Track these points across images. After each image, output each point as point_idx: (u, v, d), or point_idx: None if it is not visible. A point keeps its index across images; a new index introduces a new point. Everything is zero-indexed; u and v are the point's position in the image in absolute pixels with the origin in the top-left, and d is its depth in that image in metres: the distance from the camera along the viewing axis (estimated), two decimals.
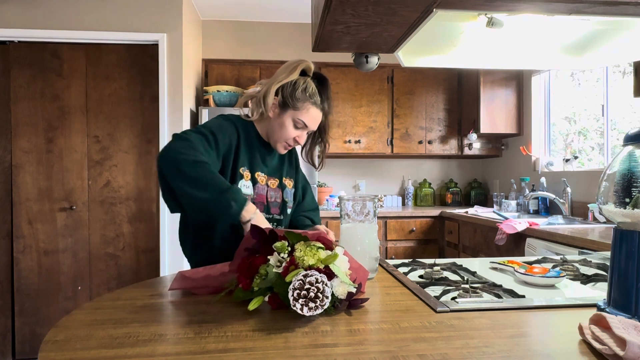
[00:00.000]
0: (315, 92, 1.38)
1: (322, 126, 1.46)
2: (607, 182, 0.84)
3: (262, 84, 1.40)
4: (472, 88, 3.75)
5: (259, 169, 1.42)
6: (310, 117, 1.38)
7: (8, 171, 3.14)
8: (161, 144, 3.20)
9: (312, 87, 1.38)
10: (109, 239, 3.22)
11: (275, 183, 1.47)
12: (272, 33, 4.08)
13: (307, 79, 1.38)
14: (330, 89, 1.43)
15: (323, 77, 1.42)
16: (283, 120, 1.38)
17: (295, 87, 1.36)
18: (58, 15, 3.13)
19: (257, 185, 1.40)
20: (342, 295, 0.89)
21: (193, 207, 1.19)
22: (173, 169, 1.16)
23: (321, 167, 1.54)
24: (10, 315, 3.13)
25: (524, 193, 3.40)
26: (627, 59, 1.48)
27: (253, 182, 1.39)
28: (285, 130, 1.39)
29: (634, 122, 2.79)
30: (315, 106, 1.38)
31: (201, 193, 1.13)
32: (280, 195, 1.47)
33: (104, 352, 0.69)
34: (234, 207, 1.14)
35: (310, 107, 1.37)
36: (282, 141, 1.41)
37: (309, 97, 1.36)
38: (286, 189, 1.50)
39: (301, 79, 1.37)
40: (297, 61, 1.38)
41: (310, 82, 1.38)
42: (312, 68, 1.40)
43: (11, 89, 3.12)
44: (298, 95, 1.35)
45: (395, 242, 3.59)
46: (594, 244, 1.92)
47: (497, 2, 1.05)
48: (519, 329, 0.79)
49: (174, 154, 1.17)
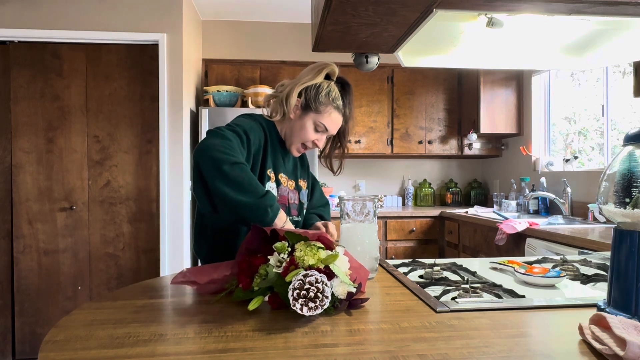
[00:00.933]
0: (338, 97, 1.38)
1: (341, 131, 1.46)
2: (607, 182, 0.84)
3: (284, 85, 1.40)
4: (472, 88, 3.75)
5: (282, 170, 1.42)
6: (331, 121, 1.38)
7: (8, 171, 3.14)
8: (161, 144, 3.20)
9: (336, 91, 1.38)
10: (109, 239, 3.22)
11: (292, 185, 1.47)
12: (272, 33, 4.08)
13: (330, 83, 1.38)
14: (353, 94, 1.43)
15: (346, 82, 1.42)
16: (304, 122, 1.38)
17: (319, 90, 1.35)
18: (58, 15, 3.13)
19: (281, 186, 1.40)
20: (342, 295, 0.89)
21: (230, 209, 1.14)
22: (213, 168, 1.11)
23: (339, 172, 1.52)
24: (10, 315, 3.13)
25: (524, 193, 3.40)
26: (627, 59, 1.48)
27: (277, 183, 1.39)
28: (306, 132, 1.38)
29: (634, 122, 2.79)
30: (337, 110, 1.38)
31: (241, 196, 1.10)
32: (298, 197, 1.47)
33: (104, 352, 0.69)
34: (270, 213, 1.12)
35: (333, 111, 1.37)
36: (298, 143, 1.41)
37: (332, 101, 1.36)
38: (302, 191, 1.50)
39: (325, 82, 1.37)
40: (322, 64, 1.38)
41: (334, 86, 1.38)
42: (337, 72, 1.40)
43: (11, 89, 3.12)
44: (321, 99, 1.35)
45: (395, 242, 3.59)
46: (594, 244, 1.92)
47: (497, 2, 1.05)
48: (519, 329, 0.79)
49: (214, 152, 1.13)
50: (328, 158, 1.51)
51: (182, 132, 3.25)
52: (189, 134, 3.46)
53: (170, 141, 3.22)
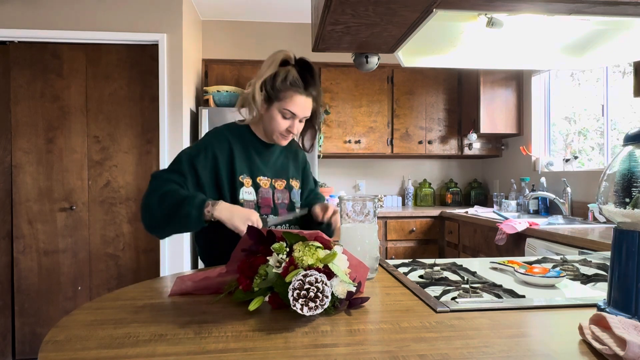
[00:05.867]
0: (296, 80, 1.36)
1: (313, 110, 1.44)
2: (607, 182, 0.84)
3: (251, 84, 1.40)
4: (472, 88, 3.75)
5: (260, 173, 1.42)
6: (295, 105, 1.37)
7: (8, 171, 3.14)
8: (161, 144, 3.20)
9: (293, 74, 1.36)
10: (109, 239, 3.22)
11: (282, 184, 1.47)
12: (272, 33, 4.08)
13: (288, 68, 1.37)
14: (316, 73, 1.41)
15: (306, 62, 1.40)
16: (271, 114, 1.39)
17: (276, 78, 1.35)
18: (58, 15, 3.13)
19: (261, 189, 1.40)
20: (342, 295, 0.88)
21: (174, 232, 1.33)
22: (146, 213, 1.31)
23: (311, 150, 1.54)
24: (10, 315, 3.13)
25: (524, 193, 3.40)
26: (627, 59, 1.48)
27: (255, 187, 1.40)
28: (276, 123, 1.39)
29: (634, 122, 2.79)
30: (298, 93, 1.37)
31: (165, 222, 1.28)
32: (288, 197, 1.48)
33: (104, 352, 0.69)
34: (193, 212, 1.23)
35: (294, 95, 1.36)
36: (276, 133, 1.42)
37: (291, 86, 1.35)
38: (293, 190, 1.50)
39: (282, 69, 1.36)
40: (275, 53, 1.38)
41: (291, 70, 1.36)
42: (292, 56, 1.39)
43: (11, 89, 3.12)
44: (279, 86, 1.35)
45: (395, 242, 3.59)
46: (594, 244, 1.92)
47: (497, 2, 1.05)
48: (519, 329, 0.79)
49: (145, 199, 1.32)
50: (300, 137, 1.51)
51: (182, 132, 3.25)
52: (189, 134, 3.46)
53: (170, 141, 3.22)
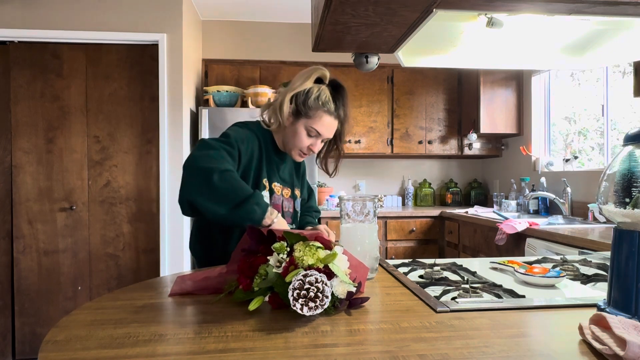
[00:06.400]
0: (328, 100, 1.36)
1: (337, 133, 1.44)
2: (607, 182, 0.84)
3: (280, 92, 1.39)
4: (472, 88, 3.75)
5: (275, 179, 1.43)
6: (322, 125, 1.36)
7: (8, 171, 3.14)
8: (161, 144, 3.20)
9: (326, 94, 1.36)
10: (109, 239, 3.22)
11: (288, 193, 1.47)
12: (272, 33, 4.08)
13: (321, 87, 1.36)
14: (347, 96, 1.40)
15: (339, 84, 1.40)
16: (296, 129, 1.37)
17: (308, 95, 1.34)
18: (58, 15, 3.13)
19: (274, 195, 1.40)
20: (342, 295, 0.88)
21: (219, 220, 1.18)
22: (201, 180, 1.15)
23: (335, 174, 1.52)
24: (10, 315, 3.13)
25: (524, 193, 3.40)
26: (627, 59, 1.48)
27: (270, 192, 1.39)
28: (299, 139, 1.38)
29: (634, 122, 2.79)
30: (328, 114, 1.36)
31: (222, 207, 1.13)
32: (293, 205, 1.48)
33: (104, 352, 0.69)
34: (257, 211, 1.14)
35: (323, 115, 1.35)
36: (296, 149, 1.40)
37: (322, 105, 1.34)
38: (297, 200, 1.51)
39: (315, 86, 1.35)
40: (312, 68, 1.37)
41: (324, 90, 1.36)
42: (328, 75, 1.38)
43: (11, 89, 3.12)
44: (310, 104, 1.34)
45: (395, 242, 3.59)
46: (594, 244, 1.92)
47: (497, 2, 1.05)
48: (519, 329, 0.79)
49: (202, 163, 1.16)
50: (324, 160, 1.50)
51: (182, 132, 3.25)
52: (189, 134, 3.46)
53: (170, 141, 3.22)
